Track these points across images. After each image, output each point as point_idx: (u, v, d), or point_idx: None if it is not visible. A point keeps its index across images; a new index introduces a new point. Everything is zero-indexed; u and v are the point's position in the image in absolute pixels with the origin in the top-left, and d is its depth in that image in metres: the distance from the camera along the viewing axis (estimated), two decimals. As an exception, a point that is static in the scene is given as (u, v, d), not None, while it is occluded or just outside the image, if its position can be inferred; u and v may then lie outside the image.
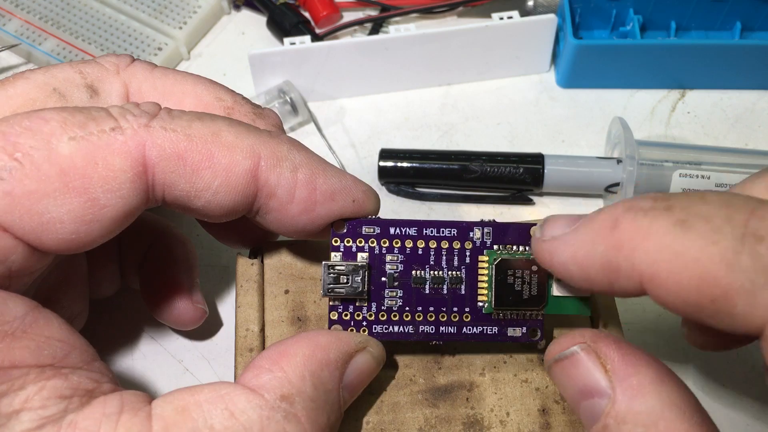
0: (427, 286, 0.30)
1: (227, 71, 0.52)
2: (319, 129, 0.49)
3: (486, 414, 0.31)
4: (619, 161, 0.44)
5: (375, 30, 0.52)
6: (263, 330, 0.32)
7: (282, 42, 0.48)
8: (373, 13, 0.53)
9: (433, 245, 0.30)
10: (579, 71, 0.49)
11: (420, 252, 0.30)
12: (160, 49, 0.50)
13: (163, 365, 0.39)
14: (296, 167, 0.27)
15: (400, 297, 0.30)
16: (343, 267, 0.29)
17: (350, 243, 0.30)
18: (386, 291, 0.30)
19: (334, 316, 0.30)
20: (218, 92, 0.31)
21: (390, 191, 0.46)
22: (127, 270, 0.37)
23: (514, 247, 0.30)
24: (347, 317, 0.30)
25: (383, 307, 0.30)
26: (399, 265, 0.30)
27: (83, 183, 0.24)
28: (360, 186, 0.29)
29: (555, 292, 0.30)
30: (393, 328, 0.30)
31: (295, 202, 0.28)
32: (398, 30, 0.48)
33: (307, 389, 0.26)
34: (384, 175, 0.46)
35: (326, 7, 0.52)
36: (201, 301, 0.37)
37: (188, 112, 0.27)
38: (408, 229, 0.30)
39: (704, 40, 0.50)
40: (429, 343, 0.31)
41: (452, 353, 0.32)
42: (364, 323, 0.30)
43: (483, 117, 0.50)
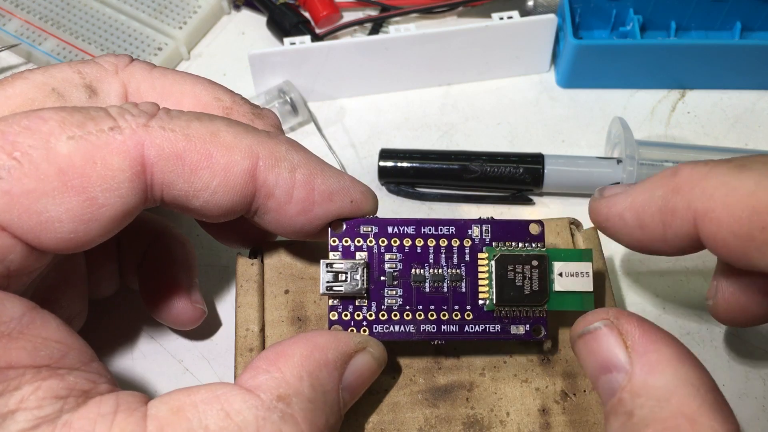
0: (427, 285, 0.30)
1: (227, 71, 0.52)
2: (319, 129, 0.49)
3: (486, 414, 0.31)
4: (619, 161, 0.44)
5: (375, 30, 0.52)
6: (263, 330, 0.32)
7: (282, 42, 0.48)
8: (373, 13, 0.53)
9: (432, 243, 0.30)
10: (579, 71, 0.49)
11: (419, 250, 0.30)
12: (160, 49, 0.50)
13: (163, 365, 0.39)
14: (294, 167, 0.27)
15: (400, 296, 0.30)
16: (342, 265, 0.29)
17: (348, 242, 0.30)
18: (386, 290, 0.30)
19: (334, 316, 0.30)
20: (217, 92, 0.31)
21: (390, 191, 0.46)
22: (126, 270, 0.37)
23: (514, 244, 0.30)
24: (347, 317, 0.30)
25: (383, 307, 0.30)
26: (398, 264, 0.30)
27: (82, 182, 0.24)
28: (358, 186, 0.29)
29: (557, 288, 0.30)
30: (394, 328, 0.30)
31: (293, 203, 0.28)
32: (398, 30, 0.48)
33: (305, 390, 0.26)
34: (384, 175, 0.45)
35: (326, 7, 0.52)
36: (200, 301, 0.37)
37: (187, 112, 0.27)
38: (406, 228, 0.30)
39: (704, 40, 0.50)
40: (430, 343, 0.31)
41: (453, 353, 0.32)
42: (365, 323, 0.30)
43: (483, 117, 0.49)
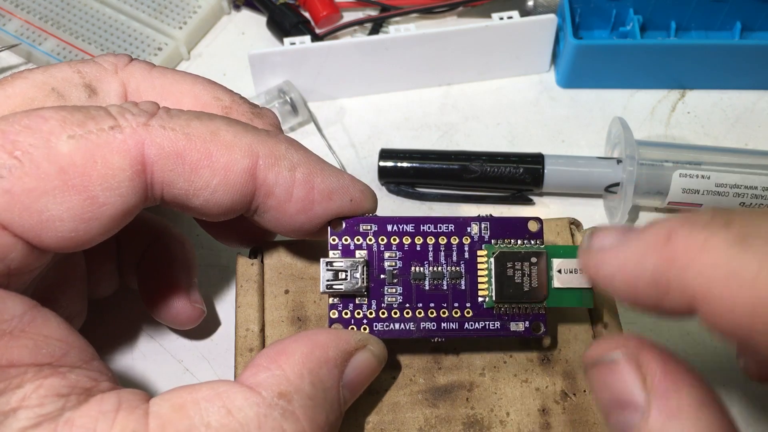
0: (427, 282, 0.30)
1: (227, 71, 0.52)
2: (319, 129, 0.49)
3: (486, 414, 0.31)
4: (619, 161, 0.44)
5: (375, 30, 0.52)
6: (263, 330, 0.32)
7: (282, 42, 0.48)
8: (373, 13, 0.53)
9: (431, 241, 0.30)
10: (579, 71, 0.49)
11: (418, 248, 0.30)
12: (160, 49, 0.50)
13: (163, 365, 0.39)
14: (294, 166, 0.27)
15: (400, 294, 0.30)
16: (342, 263, 0.29)
17: (348, 241, 0.30)
18: (386, 288, 0.30)
19: (334, 315, 0.30)
20: (216, 92, 0.31)
21: (390, 191, 0.46)
22: (126, 269, 0.37)
23: (512, 241, 0.30)
24: (347, 315, 0.30)
25: (383, 304, 0.30)
26: (398, 262, 0.30)
27: (82, 181, 0.24)
28: (357, 185, 0.29)
29: (556, 284, 0.30)
30: (394, 326, 0.30)
31: (293, 201, 0.28)
32: (398, 30, 0.48)
33: (306, 387, 0.26)
34: (384, 175, 0.45)
35: (326, 7, 0.52)
36: (199, 301, 0.37)
37: (187, 111, 0.27)
38: (405, 226, 0.30)
39: (704, 40, 0.50)
40: (430, 341, 0.31)
41: (453, 352, 0.32)
42: (365, 321, 0.30)
43: (483, 117, 0.49)
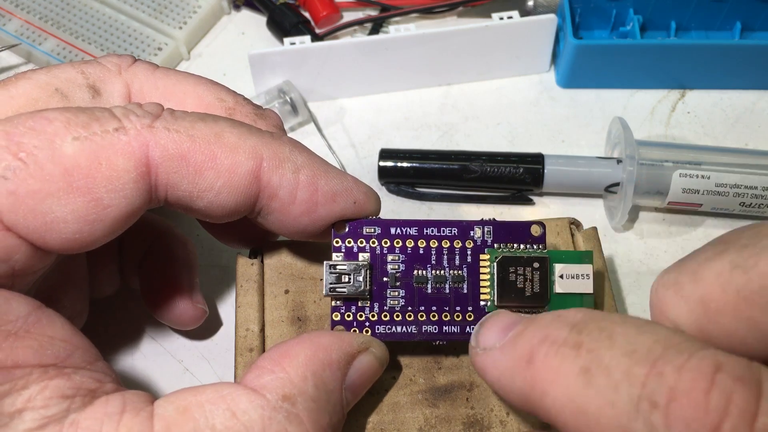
0: (429, 286, 0.30)
1: (227, 71, 0.52)
2: (319, 129, 0.49)
3: (486, 414, 0.31)
4: (619, 161, 0.44)
5: (375, 30, 0.52)
6: (263, 330, 0.32)
7: (282, 42, 0.48)
8: (373, 13, 0.53)
9: (434, 245, 0.30)
10: (579, 71, 0.49)
11: (421, 252, 0.30)
12: (160, 49, 0.50)
13: (163, 365, 0.39)
14: (298, 168, 0.27)
15: (403, 297, 0.30)
16: (345, 266, 0.29)
17: (351, 243, 0.30)
18: (388, 291, 0.30)
19: (337, 317, 0.30)
20: (219, 93, 0.31)
21: (390, 191, 0.46)
22: (127, 270, 0.37)
23: (515, 246, 0.30)
24: (350, 318, 0.30)
25: (386, 308, 0.30)
26: (400, 265, 0.30)
27: (87, 183, 0.24)
28: (361, 187, 0.29)
29: (558, 290, 0.30)
30: (396, 329, 0.30)
31: (297, 203, 0.28)
32: (398, 30, 0.48)
33: (309, 390, 0.26)
34: (384, 175, 0.46)
35: (326, 7, 0.52)
36: (201, 301, 0.37)
37: (191, 113, 0.27)
38: (409, 229, 0.30)
39: (704, 40, 0.50)
40: (432, 344, 0.31)
41: (453, 353, 0.32)
42: (367, 324, 0.30)
43: (483, 117, 0.50)
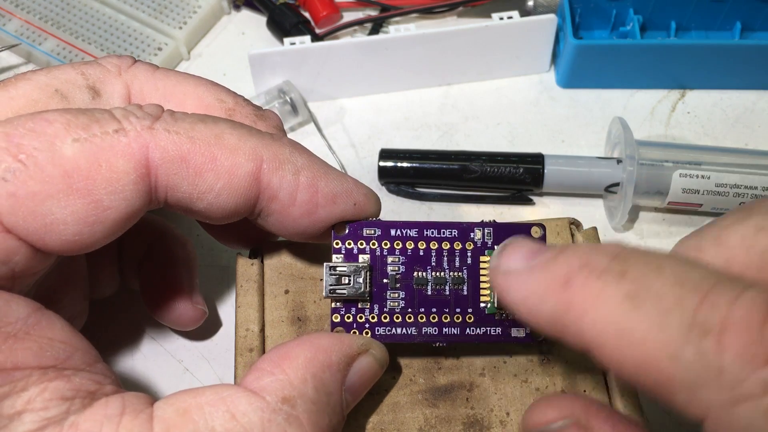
0: (429, 287, 0.30)
1: (227, 71, 0.52)
2: (319, 129, 0.49)
3: (486, 414, 0.31)
4: (619, 161, 0.44)
5: (375, 30, 0.52)
6: (263, 330, 0.32)
7: (282, 42, 0.48)
8: (373, 13, 0.53)
9: (435, 246, 0.30)
10: (579, 71, 0.49)
11: (421, 253, 0.30)
12: (160, 49, 0.50)
13: (163, 365, 0.39)
14: (298, 170, 0.27)
15: (402, 298, 0.30)
16: (345, 268, 0.29)
17: (351, 245, 0.30)
18: (388, 292, 0.30)
19: (337, 319, 0.30)
20: (219, 94, 0.31)
21: (390, 191, 0.46)
22: (127, 270, 0.37)
23: None
24: (349, 319, 0.30)
25: (385, 309, 0.30)
26: (400, 267, 0.30)
27: (87, 185, 0.24)
28: (361, 189, 0.29)
29: None
30: (396, 330, 0.30)
31: (297, 205, 0.28)
32: (398, 30, 0.48)
33: (309, 392, 0.26)
34: (384, 175, 0.46)
35: (326, 7, 0.52)
36: (201, 302, 0.37)
37: (191, 115, 0.27)
38: (409, 231, 0.30)
39: (704, 40, 0.50)
40: (432, 345, 0.31)
41: (453, 355, 0.32)
42: (367, 325, 0.30)
43: (483, 117, 0.50)
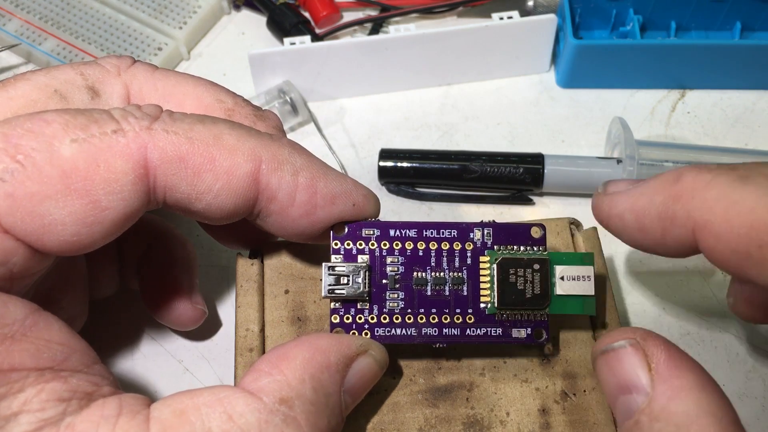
0: (429, 288, 0.30)
1: (227, 71, 0.52)
2: (319, 129, 0.49)
3: (486, 414, 0.31)
4: (619, 161, 0.44)
5: (375, 30, 0.52)
6: (263, 330, 0.32)
7: (282, 42, 0.48)
8: (373, 13, 0.53)
9: (434, 246, 0.30)
10: (579, 71, 0.49)
11: (421, 253, 0.30)
12: (160, 49, 0.50)
13: (163, 365, 0.39)
14: (297, 171, 0.27)
15: (402, 299, 0.30)
16: (344, 268, 0.29)
17: (350, 245, 0.30)
18: (387, 293, 0.30)
19: (336, 319, 0.30)
20: (219, 94, 0.31)
21: (390, 191, 0.46)
22: (127, 270, 0.37)
23: (515, 247, 0.30)
24: (349, 320, 0.30)
25: (385, 310, 0.30)
26: (400, 267, 0.30)
27: (85, 185, 0.24)
28: (360, 190, 0.29)
29: (558, 291, 0.30)
30: (395, 331, 0.30)
31: (296, 206, 0.28)
32: (398, 30, 0.48)
33: (307, 392, 0.26)
34: (384, 175, 0.46)
35: (326, 7, 0.52)
36: (200, 302, 0.37)
37: (190, 115, 0.27)
38: (408, 231, 0.30)
39: (704, 40, 0.50)
40: (432, 346, 0.31)
41: (453, 356, 0.32)
42: (366, 326, 0.30)
43: (483, 117, 0.50)
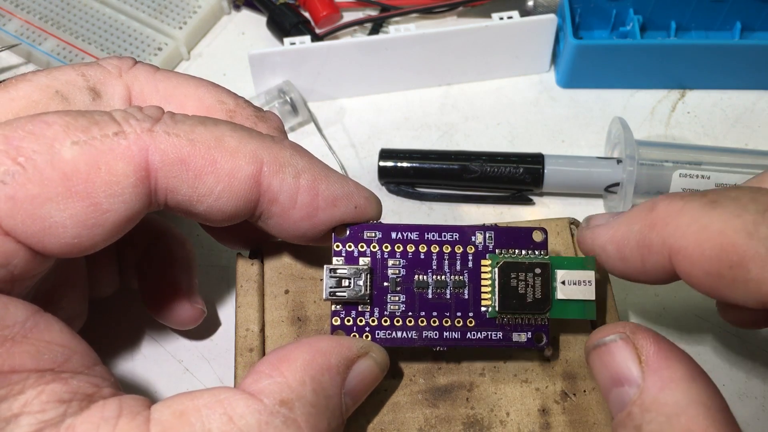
0: (430, 291, 0.30)
1: (227, 71, 0.52)
2: (319, 129, 0.49)
3: (486, 414, 0.31)
4: (619, 161, 0.44)
5: (375, 30, 0.52)
6: (263, 330, 0.32)
7: (282, 42, 0.48)
8: (373, 13, 0.53)
9: (435, 249, 0.30)
10: (579, 71, 0.49)
11: (422, 256, 0.30)
12: (160, 49, 0.50)
13: (164, 365, 0.39)
14: (299, 173, 0.27)
15: (403, 302, 0.30)
16: (345, 270, 0.29)
17: (352, 248, 0.30)
18: (389, 296, 0.30)
19: (337, 322, 0.30)
20: (220, 95, 0.31)
21: (390, 191, 0.46)
22: (126, 269, 0.37)
23: (517, 251, 0.30)
24: (349, 322, 0.30)
25: (386, 312, 0.30)
26: (401, 270, 0.30)
27: (86, 187, 0.24)
28: (362, 192, 0.29)
29: (559, 296, 0.30)
30: (396, 334, 0.30)
31: (297, 208, 0.28)
32: (398, 30, 0.48)
33: (307, 394, 0.26)
34: (384, 175, 0.46)
35: (326, 7, 0.52)
36: (199, 302, 0.37)
37: (191, 117, 0.27)
38: (410, 234, 0.30)
39: (704, 40, 0.50)
40: (432, 349, 0.31)
41: (454, 360, 0.32)
42: (367, 329, 0.30)
43: (483, 117, 0.50)
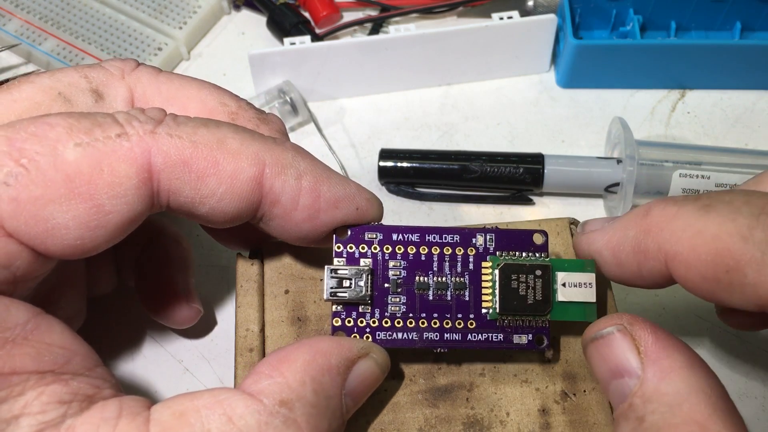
0: (431, 292, 0.30)
1: (227, 71, 0.52)
2: (319, 129, 0.49)
3: (486, 414, 0.31)
4: (619, 161, 0.44)
5: (375, 30, 0.52)
6: (263, 330, 0.32)
7: (282, 42, 0.48)
8: (373, 13, 0.53)
9: (436, 251, 0.30)
10: (579, 71, 0.49)
11: (423, 258, 0.30)
12: (160, 49, 0.50)
13: (163, 365, 0.39)
14: (301, 174, 0.27)
15: (404, 303, 0.30)
16: (346, 271, 0.29)
17: (353, 249, 0.30)
18: (389, 297, 0.30)
19: (337, 323, 0.30)
20: (222, 97, 0.31)
21: (390, 191, 0.46)
22: (124, 267, 0.37)
23: (517, 253, 0.30)
24: (350, 323, 0.30)
25: (387, 314, 0.30)
26: (402, 271, 0.30)
27: (89, 189, 0.24)
28: (364, 194, 0.29)
29: (560, 298, 0.30)
30: (397, 335, 0.30)
31: (299, 210, 0.28)
32: (398, 30, 0.48)
33: (308, 395, 0.26)
34: (384, 175, 0.46)
35: (326, 7, 0.52)
36: (195, 301, 0.37)
37: (193, 119, 0.27)
38: (411, 235, 0.30)
39: (704, 40, 0.50)
40: (433, 351, 0.31)
41: (454, 362, 0.32)
42: (368, 330, 0.30)
43: (483, 117, 0.50)
